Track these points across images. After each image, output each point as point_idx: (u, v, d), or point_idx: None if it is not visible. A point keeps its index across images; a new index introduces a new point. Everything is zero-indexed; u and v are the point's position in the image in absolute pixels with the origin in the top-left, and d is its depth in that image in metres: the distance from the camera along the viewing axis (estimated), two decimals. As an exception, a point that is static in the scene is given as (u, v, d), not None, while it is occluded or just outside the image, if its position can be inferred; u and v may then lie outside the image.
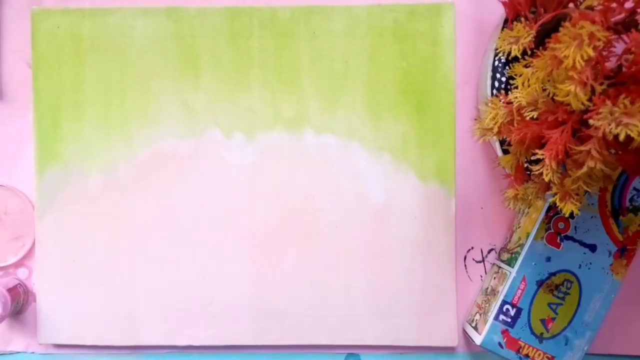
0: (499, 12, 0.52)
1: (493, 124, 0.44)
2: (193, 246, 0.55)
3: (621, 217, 0.50)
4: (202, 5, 0.55)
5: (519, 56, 0.41)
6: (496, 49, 0.49)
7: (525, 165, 0.45)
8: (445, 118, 0.55)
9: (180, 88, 0.55)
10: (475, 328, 0.53)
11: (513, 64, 0.44)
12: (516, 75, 0.42)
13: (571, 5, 0.42)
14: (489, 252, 0.57)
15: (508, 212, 0.56)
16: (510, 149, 0.45)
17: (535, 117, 0.41)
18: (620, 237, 0.50)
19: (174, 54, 0.55)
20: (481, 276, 0.57)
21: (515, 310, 0.50)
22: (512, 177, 0.46)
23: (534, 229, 0.50)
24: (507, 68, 0.50)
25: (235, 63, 0.55)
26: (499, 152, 0.51)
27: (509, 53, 0.41)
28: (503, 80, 0.51)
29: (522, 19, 0.43)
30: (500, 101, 0.44)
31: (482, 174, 0.56)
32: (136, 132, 0.55)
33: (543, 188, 0.44)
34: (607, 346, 0.56)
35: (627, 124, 0.34)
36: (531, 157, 0.42)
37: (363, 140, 0.55)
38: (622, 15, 0.37)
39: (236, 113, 0.55)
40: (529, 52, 0.41)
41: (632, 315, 0.56)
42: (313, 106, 0.55)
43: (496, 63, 0.51)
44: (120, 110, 0.55)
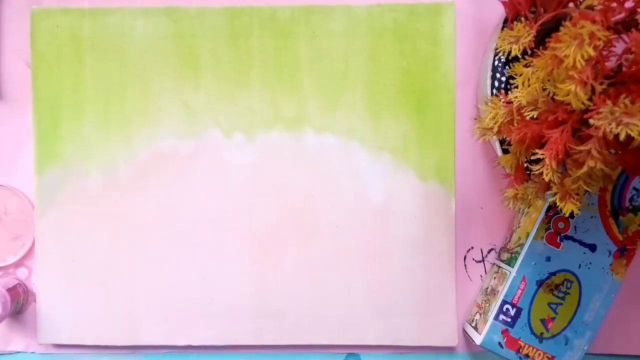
0: (499, 12, 0.52)
1: (493, 124, 0.44)
2: (193, 246, 0.55)
3: (621, 217, 0.50)
4: (202, 5, 0.55)
5: (519, 56, 0.41)
6: (496, 49, 0.49)
7: (525, 165, 0.45)
8: (445, 118, 0.55)
9: (180, 88, 0.55)
10: (475, 328, 0.53)
11: (513, 64, 0.44)
12: (516, 74, 0.42)
13: (571, 4, 0.42)
14: (489, 252, 0.57)
15: (508, 212, 0.56)
16: (510, 149, 0.45)
17: (535, 117, 0.40)
18: (620, 237, 0.50)
19: (174, 54, 0.55)
20: (481, 276, 0.57)
21: (515, 310, 0.50)
22: (512, 177, 0.46)
23: (534, 229, 0.50)
24: (507, 68, 0.50)
25: (235, 63, 0.55)
26: (499, 152, 0.51)
27: (509, 53, 0.41)
28: (503, 79, 0.51)
29: (522, 19, 0.43)
30: (500, 101, 0.44)
31: (482, 174, 0.56)
32: (136, 132, 0.55)
33: (543, 188, 0.44)
34: (607, 346, 0.56)
35: (628, 124, 0.34)
36: (531, 157, 0.42)
37: (363, 140, 0.55)
38: (622, 14, 0.37)
39: (236, 113, 0.55)
40: (529, 52, 0.41)
41: (632, 315, 0.56)
42: (313, 106, 0.55)
43: (496, 63, 0.51)
44: (120, 110, 0.55)
